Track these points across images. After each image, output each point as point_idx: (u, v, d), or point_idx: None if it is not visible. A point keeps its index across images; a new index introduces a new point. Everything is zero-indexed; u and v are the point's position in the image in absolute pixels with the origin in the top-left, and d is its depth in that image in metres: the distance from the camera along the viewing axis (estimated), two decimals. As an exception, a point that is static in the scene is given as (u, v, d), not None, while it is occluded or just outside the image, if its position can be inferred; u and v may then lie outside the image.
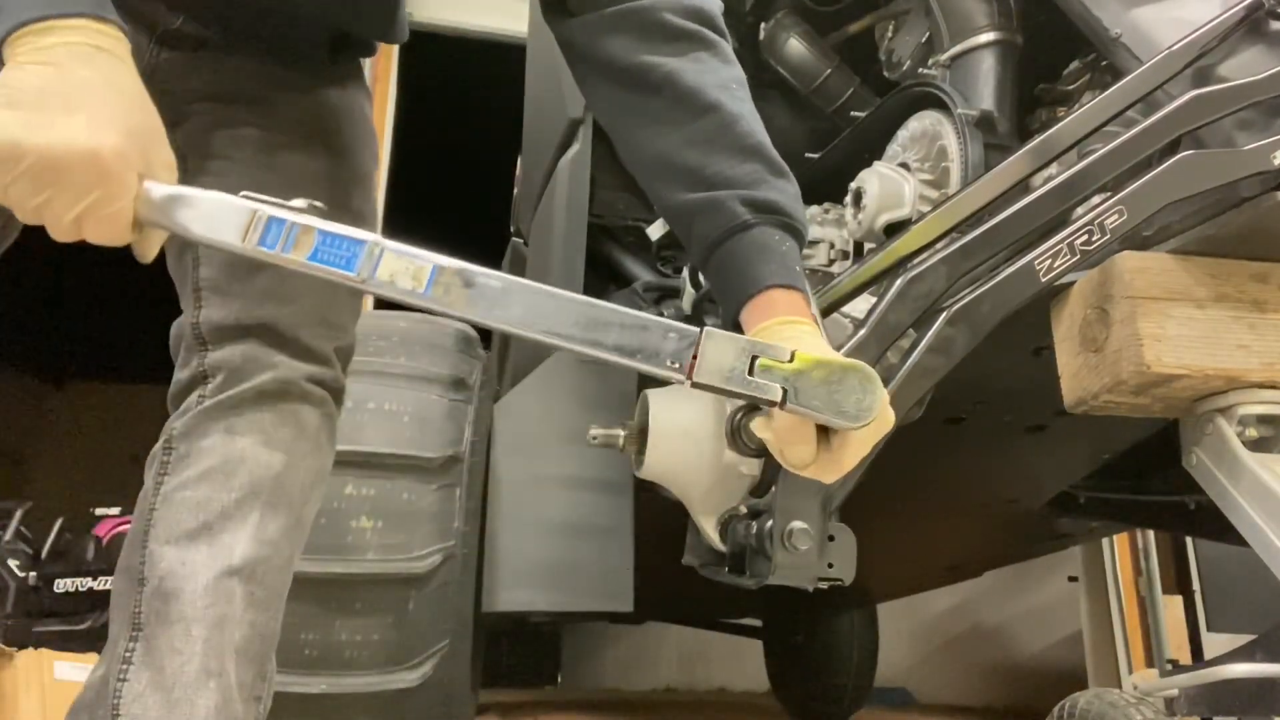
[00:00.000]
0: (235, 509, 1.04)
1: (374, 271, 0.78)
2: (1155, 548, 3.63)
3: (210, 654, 1.02)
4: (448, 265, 0.79)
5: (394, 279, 0.78)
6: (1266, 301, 1.08)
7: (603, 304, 0.79)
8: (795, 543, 0.98)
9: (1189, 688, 1.00)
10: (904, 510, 1.99)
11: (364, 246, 0.79)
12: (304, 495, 1.11)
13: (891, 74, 1.73)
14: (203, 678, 1.02)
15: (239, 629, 1.04)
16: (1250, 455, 1.03)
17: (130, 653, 1.02)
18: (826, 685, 3.38)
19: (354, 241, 0.79)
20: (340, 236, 0.80)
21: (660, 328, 0.78)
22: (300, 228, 0.79)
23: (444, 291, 0.78)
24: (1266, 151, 1.03)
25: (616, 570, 1.86)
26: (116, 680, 1.01)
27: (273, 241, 0.79)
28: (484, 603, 1.92)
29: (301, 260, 0.79)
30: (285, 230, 0.79)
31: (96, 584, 3.77)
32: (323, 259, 0.79)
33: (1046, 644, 4.43)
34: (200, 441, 1.05)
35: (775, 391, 0.77)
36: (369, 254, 0.79)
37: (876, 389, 0.77)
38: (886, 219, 1.48)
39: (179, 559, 1.02)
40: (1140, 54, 1.16)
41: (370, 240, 0.79)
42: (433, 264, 0.79)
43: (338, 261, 0.79)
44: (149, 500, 1.06)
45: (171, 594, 1.02)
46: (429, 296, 0.78)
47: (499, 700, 3.52)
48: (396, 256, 0.79)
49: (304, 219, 0.80)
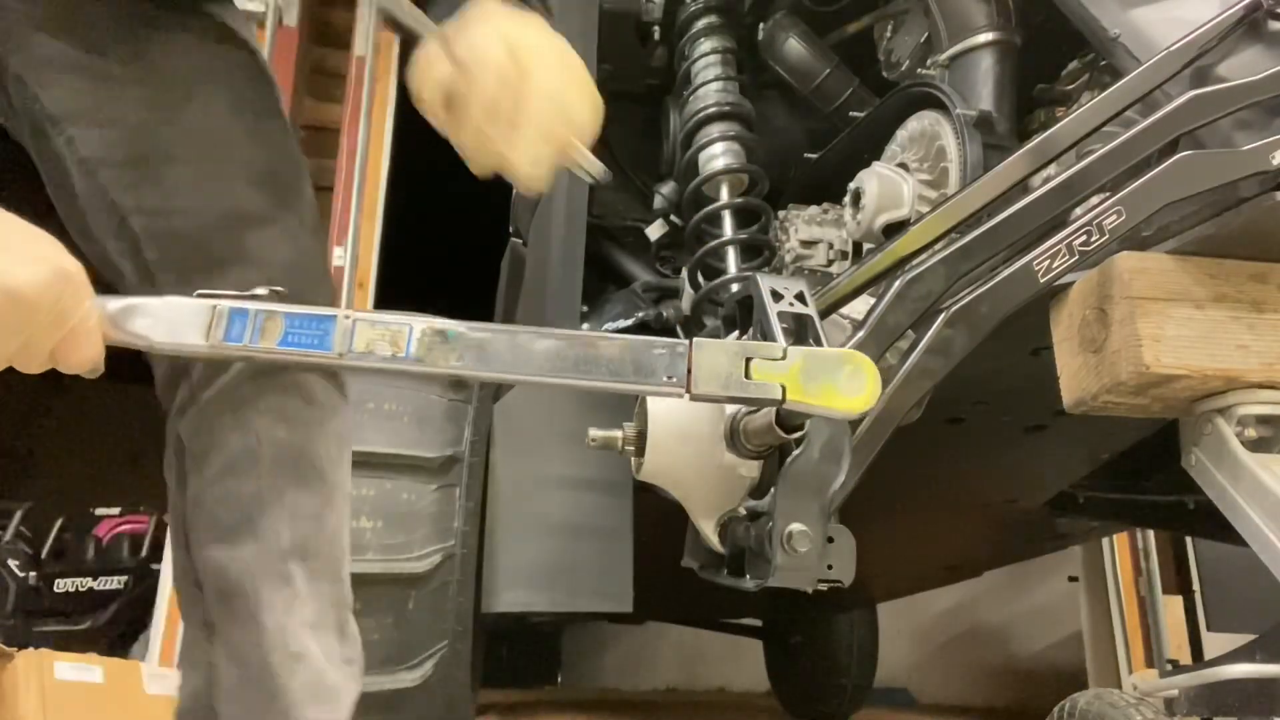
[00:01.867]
0: (267, 494, 1.01)
1: (350, 345, 0.76)
2: (1155, 548, 3.63)
3: (289, 638, 1.01)
4: (424, 324, 0.78)
5: (372, 348, 0.77)
6: (1265, 302, 1.08)
7: (586, 334, 0.78)
8: (794, 544, 0.98)
9: (1189, 688, 1.00)
10: (904, 511, 1.99)
11: (334, 322, 0.77)
12: (331, 460, 1.07)
13: (890, 74, 1.73)
14: (288, 662, 1.00)
15: (309, 605, 1.03)
16: (1249, 455, 1.03)
17: (212, 655, 1.02)
18: (826, 685, 3.38)
19: (323, 319, 0.77)
20: (309, 316, 0.77)
21: (648, 345, 0.77)
22: (265, 315, 0.76)
23: (426, 351, 0.77)
24: (1265, 152, 1.03)
25: (616, 570, 1.86)
26: (208, 686, 1.01)
27: (238, 334, 0.76)
28: (484, 603, 1.92)
29: (273, 348, 0.76)
30: (250, 321, 0.76)
31: (96, 584, 3.77)
32: (294, 342, 0.77)
33: (1046, 644, 4.43)
34: (212, 437, 1.02)
35: (775, 390, 0.77)
36: (341, 328, 0.77)
37: (871, 374, 0.77)
38: (885, 219, 1.48)
39: (228, 558, 1.01)
40: (1139, 54, 1.16)
41: (340, 314, 0.77)
42: (408, 326, 0.77)
43: (311, 342, 0.77)
44: (178, 507, 1.04)
45: (233, 593, 1.01)
46: (411, 359, 0.77)
47: (499, 700, 3.52)
48: (371, 325, 0.77)
49: (267, 305, 0.77)
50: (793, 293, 1.04)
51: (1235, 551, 1.21)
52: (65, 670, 1.99)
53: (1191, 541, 3.65)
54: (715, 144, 1.78)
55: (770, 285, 1.04)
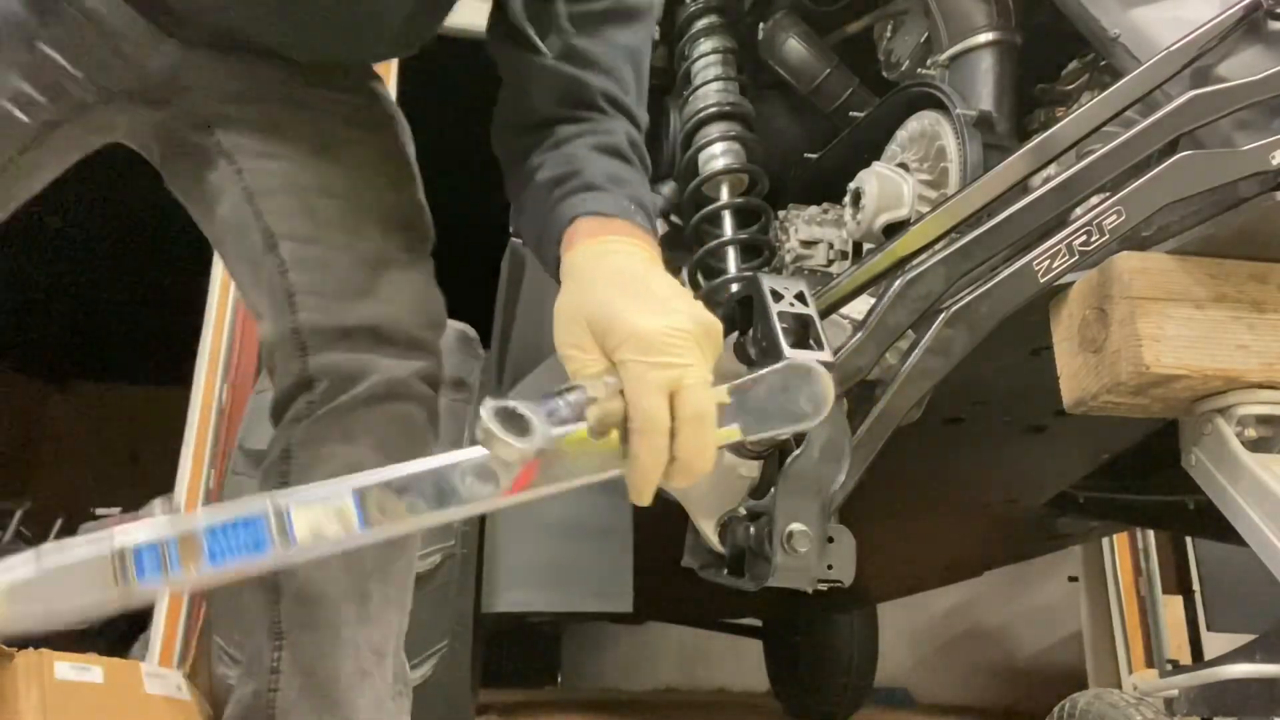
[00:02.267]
0: None
1: (292, 537, 0.66)
2: (1155, 548, 3.62)
3: (360, 655, 1.03)
4: (367, 484, 0.68)
5: (319, 531, 0.66)
6: (1265, 302, 1.08)
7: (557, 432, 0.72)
8: (794, 544, 0.98)
9: (1189, 688, 1.00)
10: (903, 511, 1.99)
11: (263, 521, 0.66)
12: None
13: (890, 74, 1.73)
14: (356, 679, 1.03)
15: (377, 630, 1.06)
16: (1249, 455, 1.03)
17: (277, 662, 1.03)
18: (826, 685, 3.38)
19: (248, 520, 0.66)
20: (229, 524, 0.66)
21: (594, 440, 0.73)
22: (176, 540, 0.65)
23: (380, 512, 0.67)
24: (1265, 151, 1.03)
25: (616, 570, 1.87)
26: (269, 691, 1.02)
27: (153, 568, 0.64)
28: (484, 603, 1.93)
29: (202, 570, 0.65)
30: (161, 551, 0.64)
31: (96, 584, 3.76)
32: (225, 556, 0.65)
33: (1046, 644, 4.43)
34: (320, 449, 1.05)
35: (735, 433, 0.75)
36: (275, 523, 0.66)
37: (819, 377, 0.76)
38: (885, 219, 1.48)
39: (314, 564, 1.03)
40: (1139, 54, 1.16)
41: (266, 508, 0.66)
42: (351, 491, 0.68)
43: (244, 548, 0.65)
44: None
45: (313, 600, 1.02)
46: (369, 531, 0.67)
47: (499, 700, 3.52)
48: (306, 507, 0.67)
49: (177, 529, 0.65)
50: (793, 293, 1.04)
51: (1235, 551, 1.21)
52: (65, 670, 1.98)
53: (1191, 541, 3.64)
54: (715, 144, 1.78)
55: (770, 285, 1.04)
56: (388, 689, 1.07)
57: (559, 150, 1.04)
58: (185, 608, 2.79)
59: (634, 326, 0.76)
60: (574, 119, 1.05)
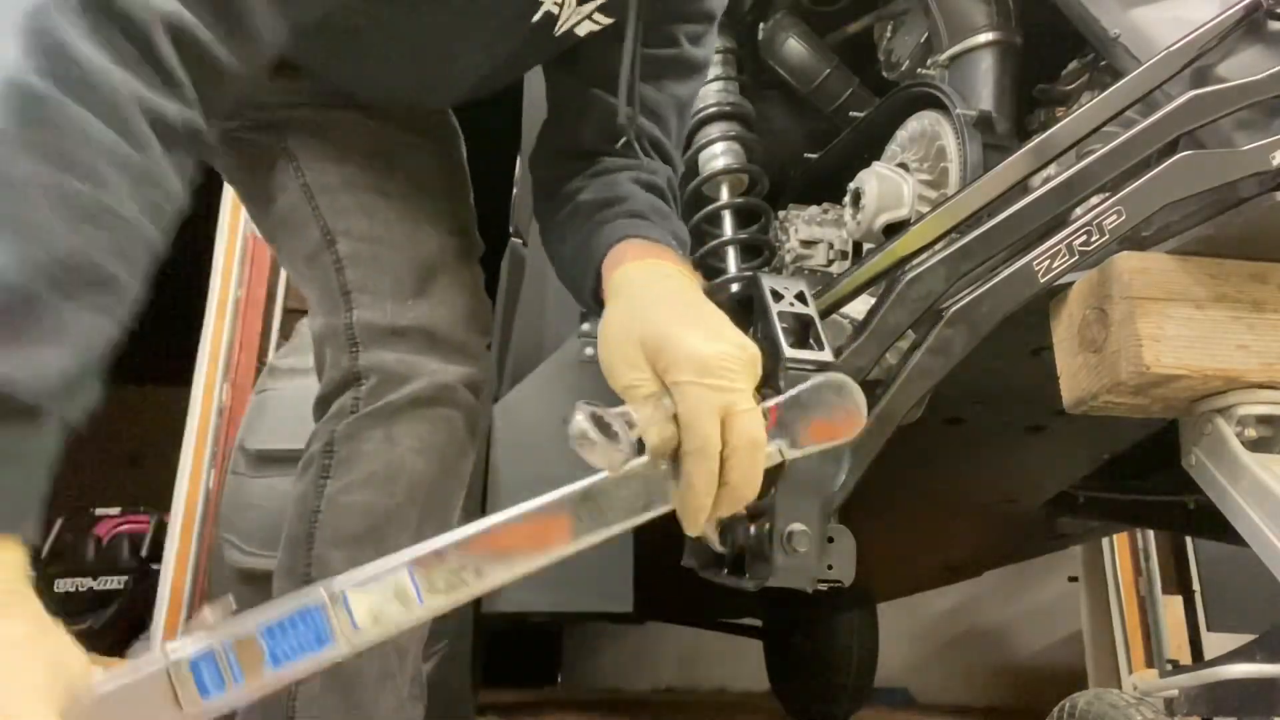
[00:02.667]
0: (397, 514, 1.06)
1: (354, 623, 0.64)
2: (1155, 548, 3.62)
3: (386, 656, 1.04)
4: (420, 556, 0.66)
5: (380, 614, 0.64)
6: (1265, 302, 1.08)
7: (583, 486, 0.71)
8: (795, 544, 0.98)
9: (1189, 688, 1.00)
10: (904, 511, 1.99)
11: (320, 610, 0.63)
12: (455, 499, 1.13)
13: (890, 74, 1.73)
14: (381, 680, 1.03)
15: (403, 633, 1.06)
16: (1249, 455, 1.03)
17: None
18: (826, 685, 3.38)
19: (305, 611, 0.63)
20: (286, 620, 0.63)
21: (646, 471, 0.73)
22: (234, 645, 0.61)
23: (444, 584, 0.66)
24: (1265, 151, 1.03)
25: (616, 570, 1.86)
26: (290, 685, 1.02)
27: (216, 682, 0.60)
28: (484, 603, 1.92)
29: (269, 676, 0.61)
30: (221, 659, 0.61)
31: (96, 584, 3.77)
32: (289, 655, 0.62)
33: (1046, 644, 4.43)
34: (362, 445, 1.06)
35: (774, 456, 0.76)
36: (332, 611, 0.64)
37: (853, 391, 0.77)
38: (885, 219, 1.48)
39: (349, 561, 1.03)
40: (1139, 54, 1.16)
41: (321, 597, 0.64)
42: (405, 567, 0.66)
43: (308, 645, 0.63)
44: (311, 503, 1.07)
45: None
46: (430, 605, 0.65)
47: (499, 700, 3.52)
48: (363, 591, 0.64)
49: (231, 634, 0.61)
50: (793, 293, 1.04)
51: (1235, 551, 1.21)
52: (65, 670, 1.98)
53: (1191, 541, 3.64)
54: (715, 144, 1.78)
55: (770, 285, 1.04)
56: (408, 691, 1.07)
57: (603, 179, 1.08)
58: (185, 608, 2.79)
59: (691, 349, 0.77)
60: (620, 155, 1.11)
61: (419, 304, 1.09)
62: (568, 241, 1.07)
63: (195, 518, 2.91)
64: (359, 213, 1.12)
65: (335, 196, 1.12)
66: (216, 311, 3.16)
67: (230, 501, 2.14)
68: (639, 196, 1.05)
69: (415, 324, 1.08)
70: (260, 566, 1.90)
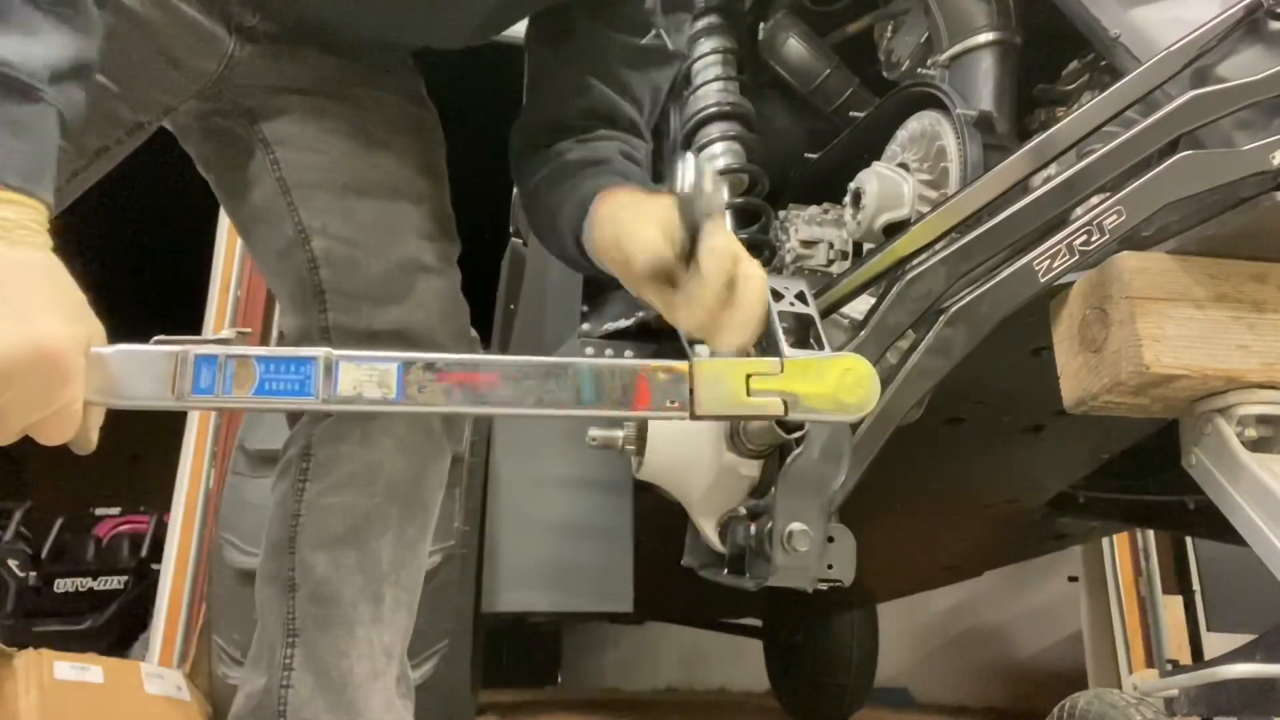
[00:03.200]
0: (378, 514, 1.06)
1: (335, 388, 0.70)
2: (1155, 548, 3.62)
3: (374, 655, 1.05)
4: (413, 360, 0.72)
5: (359, 390, 0.70)
6: (1266, 302, 1.08)
7: (582, 360, 0.76)
8: (795, 544, 0.98)
9: (1189, 688, 1.00)
10: (904, 510, 1.99)
11: (315, 364, 0.70)
12: (434, 496, 1.13)
13: (890, 74, 1.73)
14: (370, 678, 1.04)
15: (388, 632, 1.07)
16: (1249, 455, 1.03)
17: (290, 659, 1.04)
18: (826, 685, 3.38)
19: (301, 361, 0.70)
20: (285, 359, 0.70)
21: (648, 370, 0.77)
22: (236, 360, 0.69)
23: (417, 390, 0.71)
24: (1265, 151, 1.03)
25: (616, 570, 1.86)
26: (280, 688, 1.02)
27: (208, 384, 0.69)
28: (484, 603, 1.92)
29: (248, 397, 0.69)
30: (219, 369, 0.69)
31: (96, 584, 3.77)
32: (272, 389, 0.70)
33: (1046, 644, 4.43)
34: (340, 448, 1.06)
35: (776, 405, 0.77)
36: (324, 370, 0.70)
37: (868, 377, 0.79)
38: (886, 219, 1.48)
39: (332, 563, 1.04)
40: (1139, 54, 1.16)
41: (321, 355, 0.71)
42: (396, 364, 0.72)
43: (290, 388, 0.70)
44: (291, 507, 1.08)
45: (329, 599, 1.03)
46: (403, 400, 0.71)
47: (499, 700, 3.52)
48: (356, 366, 0.71)
49: (238, 350, 0.70)
50: (793, 292, 1.04)
51: (1235, 551, 1.21)
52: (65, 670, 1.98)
53: (1191, 541, 3.64)
54: (715, 144, 1.78)
55: (770, 285, 1.04)
56: (396, 690, 1.07)
57: (589, 145, 1.10)
58: (185, 608, 2.79)
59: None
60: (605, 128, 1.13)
61: (394, 307, 1.08)
62: (553, 193, 1.09)
63: (195, 518, 2.91)
64: (335, 212, 1.10)
65: (311, 193, 1.10)
66: (216, 311, 3.16)
67: (230, 501, 2.14)
68: (624, 165, 1.08)
69: (391, 327, 1.07)
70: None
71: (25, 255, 0.67)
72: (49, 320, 0.66)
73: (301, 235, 1.10)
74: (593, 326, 1.98)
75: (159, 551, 3.47)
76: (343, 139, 1.11)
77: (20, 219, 0.67)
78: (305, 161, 1.10)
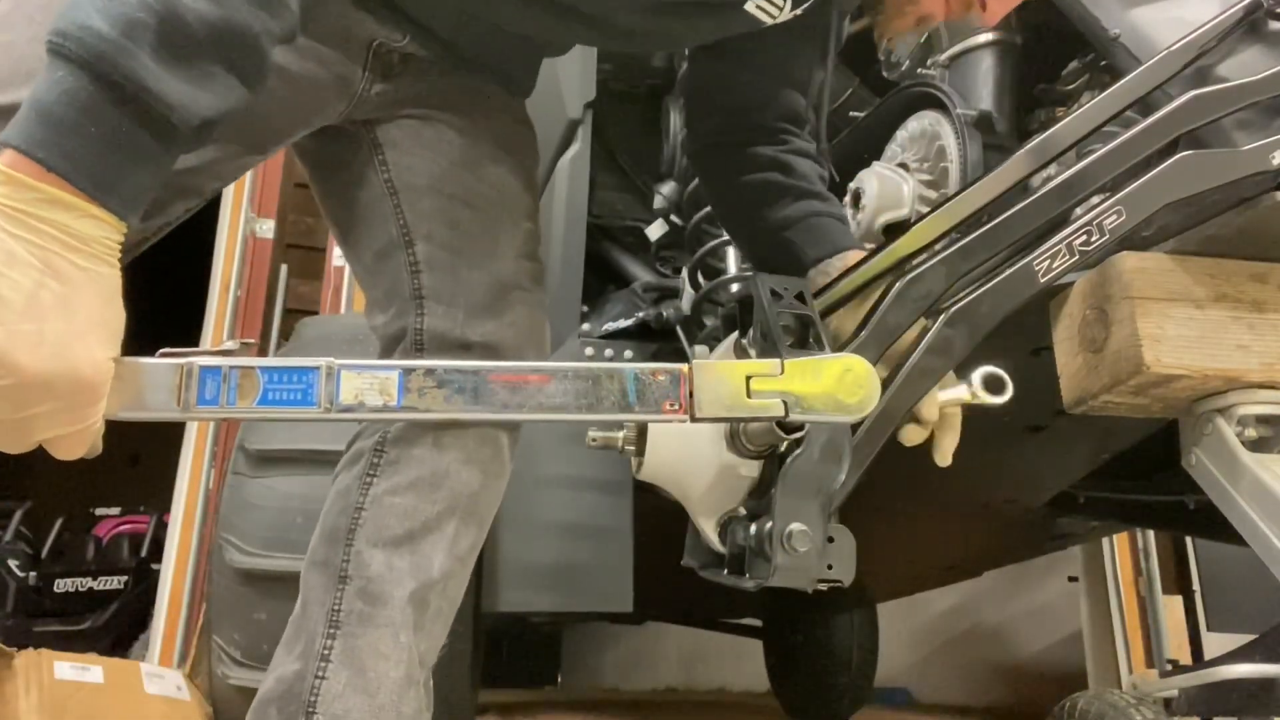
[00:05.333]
0: (436, 521, 1.06)
1: (337, 397, 0.72)
2: (1155, 548, 3.62)
3: (413, 662, 1.04)
4: (414, 368, 0.74)
5: (361, 399, 0.72)
6: (1266, 302, 1.08)
7: (583, 366, 0.77)
8: (794, 544, 0.98)
9: (1189, 688, 1.00)
10: (903, 511, 1.98)
11: (317, 374, 0.72)
12: (490, 513, 1.14)
13: (890, 74, 1.73)
14: (406, 685, 1.03)
15: (426, 639, 1.07)
16: (1249, 455, 1.03)
17: (329, 650, 1.02)
18: (826, 685, 3.38)
19: (304, 371, 0.72)
20: (288, 369, 0.72)
21: (648, 374, 0.77)
22: (240, 371, 0.71)
23: (418, 397, 0.73)
24: (1265, 152, 1.03)
25: (616, 570, 1.86)
26: (315, 677, 1.01)
27: (213, 395, 0.70)
28: (484, 603, 1.92)
29: (251, 407, 0.71)
30: (223, 380, 0.71)
31: (96, 584, 3.77)
32: (275, 399, 0.71)
33: (1046, 644, 4.43)
34: (411, 450, 1.06)
35: (777, 408, 0.78)
36: (325, 379, 0.72)
37: (869, 378, 0.79)
38: (885, 219, 1.48)
39: (387, 563, 1.03)
40: (1139, 54, 1.16)
41: (322, 364, 0.72)
42: (398, 371, 0.73)
43: (292, 398, 0.71)
44: (354, 498, 1.07)
45: (379, 597, 1.03)
46: (404, 407, 0.73)
47: (499, 700, 3.52)
48: (357, 374, 0.72)
49: (241, 361, 0.72)
50: (793, 292, 1.04)
51: (1235, 551, 1.21)
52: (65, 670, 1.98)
53: (1191, 541, 3.65)
54: (715, 144, 1.77)
55: (770, 285, 1.04)
56: (425, 703, 1.07)
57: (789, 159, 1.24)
58: (185, 608, 2.79)
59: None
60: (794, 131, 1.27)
61: (491, 321, 1.09)
62: (772, 211, 1.22)
63: (195, 518, 2.91)
64: (441, 220, 1.11)
65: (419, 198, 1.11)
66: (216, 311, 3.16)
67: (230, 501, 2.14)
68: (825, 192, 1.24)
69: (483, 340, 1.08)
70: (260, 567, 1.90)
71: (103, 271, 0.69)
72: (99, 345, 0.68)
73: (405, 238, 1.11)
74: (593, 326, 1.98)
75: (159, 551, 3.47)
76: (454, 148, 1.13)
77: (102, 235, 0.69)
78: (416, 166, 1.11)
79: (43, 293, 0.65)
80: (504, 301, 1.11)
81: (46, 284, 0.65)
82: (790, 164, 1.24)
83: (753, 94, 1.24)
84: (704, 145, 1.31)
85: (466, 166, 1.12)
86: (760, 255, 1.28)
